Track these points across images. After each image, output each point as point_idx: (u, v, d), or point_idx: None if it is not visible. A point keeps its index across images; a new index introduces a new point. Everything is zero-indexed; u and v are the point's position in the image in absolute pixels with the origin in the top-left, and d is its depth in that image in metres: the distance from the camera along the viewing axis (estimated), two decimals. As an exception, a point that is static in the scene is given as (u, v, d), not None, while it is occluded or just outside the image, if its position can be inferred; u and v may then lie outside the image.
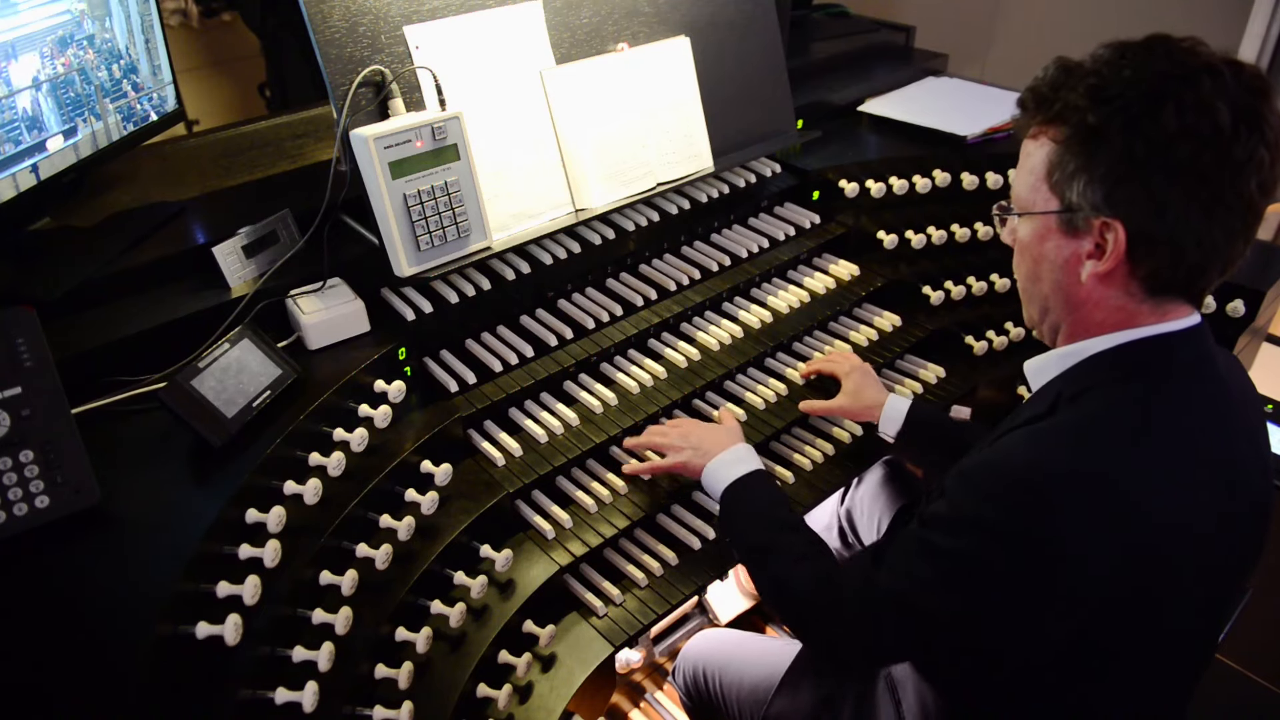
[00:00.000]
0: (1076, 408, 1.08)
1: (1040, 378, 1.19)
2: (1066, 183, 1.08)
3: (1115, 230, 1.04)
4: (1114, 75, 1.04)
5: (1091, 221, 1.06)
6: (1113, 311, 1.11)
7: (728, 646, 1.79)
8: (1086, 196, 1.06)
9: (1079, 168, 1.06)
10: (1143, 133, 1.01)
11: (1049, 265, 1.14)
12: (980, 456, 1.11)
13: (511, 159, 1.73)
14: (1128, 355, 1.10)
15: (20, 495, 1.15)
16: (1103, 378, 1.10)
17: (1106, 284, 1.09)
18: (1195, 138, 0.99)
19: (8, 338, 1.17)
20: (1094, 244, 1.08)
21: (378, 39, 1.58)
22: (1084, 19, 3.66)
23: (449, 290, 1.73)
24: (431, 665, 1.39)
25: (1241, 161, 1.00)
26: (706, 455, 1.54)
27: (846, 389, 1.77)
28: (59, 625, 1.05)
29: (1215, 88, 1.00)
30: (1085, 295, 1.11)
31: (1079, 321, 1.14)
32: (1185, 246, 1.03)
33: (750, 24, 2.08)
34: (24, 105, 1.48)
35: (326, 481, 1.37)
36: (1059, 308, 1.16)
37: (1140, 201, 1.03)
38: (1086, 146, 1.05)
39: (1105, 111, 1.03)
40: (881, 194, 2.21)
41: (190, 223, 1.74)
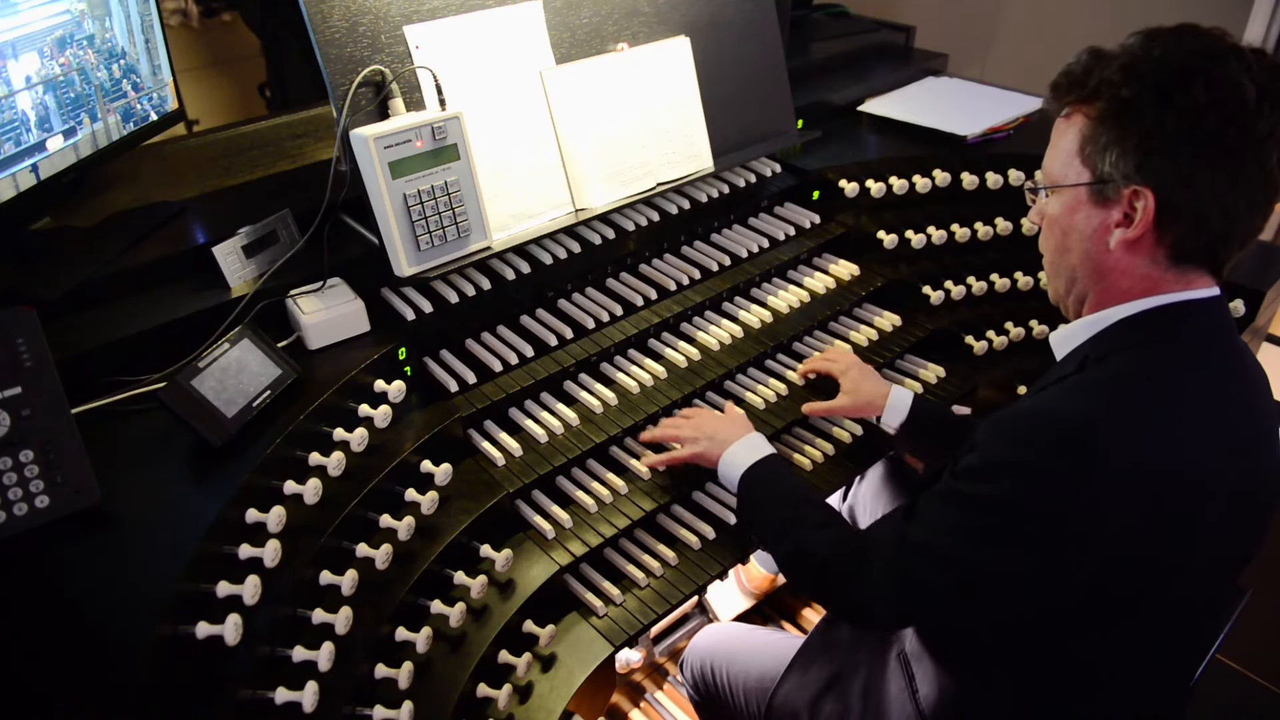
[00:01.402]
0: (1104, 367, 1.13)
1: (1066, 346, 1.24)
2: (1099, 155, 1.13)
3: (1145, 198, 1.10)
4: (1146, 55, 1.11)
5: (1122, 191, 1.12)
6: (1139, 279, 1.16)
7: (734, 639, 1.80)
8: (1119, 167, 1.12)
9: (1112, 140, 1.12)
10: (1174, 106, 1.07)
11: (1078, 235, 1.19)
12: (1012, 409, 1.15)
13: (511, 159, 1.73)
14: (1152, 320, 1.15)
15: (20, 495, 1.15)
16: (1128, 340, 1.15)
17: (1133, 251, 1.14)
18: (1223, 112, 1.05)
19: (8, 338, 1.17)
20: (1123, 213, 1.13)
21: (378, 39, 1.58)
22: (1084, 19, 3.66)
23: (449, 290, 1.73)
24: (431, 665, 1.39)
25: (1264, 136, 1.06)
26: (723, 444, 1.57)
27: (845, 387, 1.77)
28: (59, 625, 1.05)
29: (1241, 66, 1.06)
30: (1113, 263, 1.17)
31: (1106, 290, 1.19)
32: (1209, 215, 1.09)
33: (750, 24, 2.08)
34: (24, 105, 1.48)
35: (326, 481, 1.37)
36: (1086, 277, 1.21)
37: (1169, 171, 1.08)
38: (1120, 120, 1.11)
39: (1138, 86, 1.09)
40: (881, 194, 2.21)
41: (190, 223, 1.74)
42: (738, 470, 1.52)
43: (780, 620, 2.63)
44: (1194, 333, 1.14)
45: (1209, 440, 1.10)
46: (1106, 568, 1.08)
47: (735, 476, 1.52)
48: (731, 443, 1.56)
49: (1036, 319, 2.17)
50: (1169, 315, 1.15)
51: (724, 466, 1.55)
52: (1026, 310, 2.18)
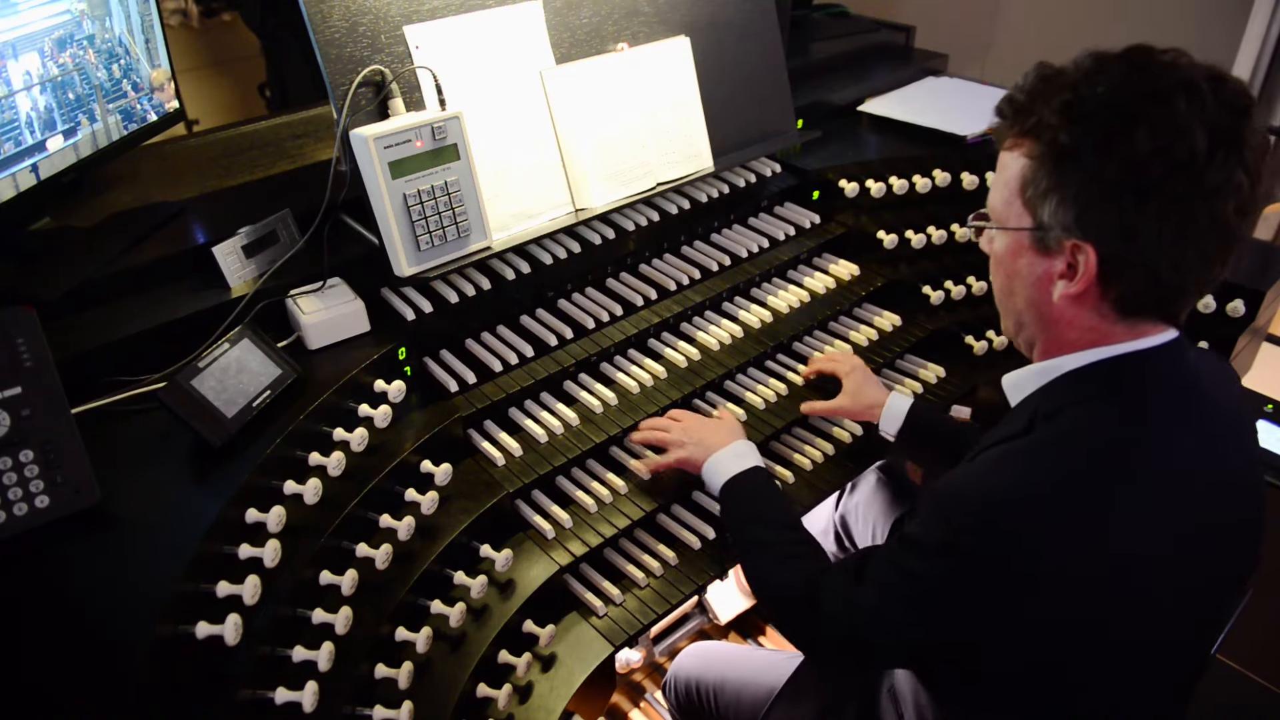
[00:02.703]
0: (1051, 427, 1.07)
1: (1018, 393, 1.17)
2: (1039, 200, 1.05)
3: (1086, 253, 1.03)
4: (1089, 91, 1.01)
5: (1063, 242, 1.04)
6: (1085, 331, 1.09)
7: (723, 660, 1.79)
8: (1058, 217, 1.04)
9: (1051, 186, 1.04)
10: (1115, 154, 0.98)
11: (1022, 281, 1.12)
12: (953, 478, 1.10)
13: (511, 159, 1.73)
14: (1102, 373, 1.08)
15: (20, 495, 1.15)
16: (1078, 395, 1.08)
17: (1078, 304, 1.08)
18: (1168, 161, 0.96)
19: (8, 338, 1.17)
20: (1066, 264, 1.06)
21: (378, 39, 1.58)
22: (1084, 19, 3.66)
23: (449, 290, 1.73)
24: (431, 665, 1.39)
25: (1217, 185, 0.97)
26: (708, 450, 1.55)
27: (847, 389, 1.77)
28: (59, 625, 1.05)
29: (1191, 108, 0.96)
30: (1058, 314, 1.10)
31: (1052, 339, 1.13)
32: (1158, 270, 1.01)
33: (750, 24, 2.08)
34: (24, 105, 1.48)
35: (326, 481, 1.37)
36: (1033, 324, 1.15)
37: (1111, 224, 1.00)
38: (1059, 166, 1.03)
39: (1077, 131, 1.00)
40: (881, 194, 2.21)
41: (190, 223, 1.74)
42: (720, 479, 1.50)
43: (780, 620, 2.63)
44: (1147, 385, 1.07)
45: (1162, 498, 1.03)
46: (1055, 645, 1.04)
47: (717, 485, 1.51)
48: (717, 449, 1.53)
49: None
50: (1120, 368, 1.07)
51: (707, 473, 1.54)
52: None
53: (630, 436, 1.69)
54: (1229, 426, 1.13)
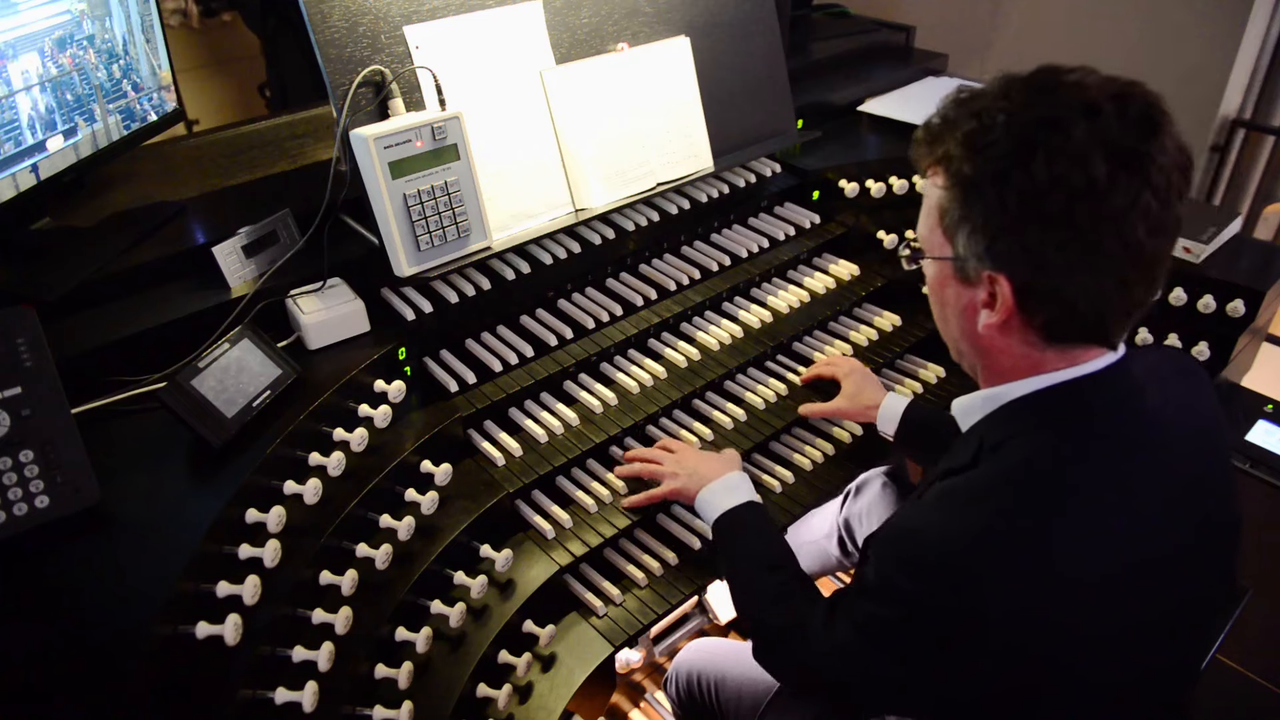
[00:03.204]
0: (997, 459, 1.05)
1: (967, 420, 1.16)
2: (954, 230, 1.04)
3: (1001, 284, 1.01)
4: (990, 120, 0.98)
5: (981, 272, 1.03)
6: (1019, 359, 1.07)
7: (724, 656, 1.78)
8: (971, 247, 1.02)
9: (961, 218, 1.02)
10: (1014, 185, 0.96)
11: (951, 310, 1.11)
12: (901, 518, 1.09)
13: (511, 159, 1.73)
14: (1043, 403, 1.06)
15: (20, 495, 1.15)
16: (1020, 426, 1.06)
17: (1004, 334, 1.06)
18: (1067, 190, 0.94)
19: (8, 338, 1.17)
20: (987, 293, 1.04)
21: (378, 39, 1.58)
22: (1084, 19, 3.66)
23: (449, 290, 1.73)
24: (431, 665, 1.39)
25: (1122, 210, 0.94)
26: (701, 481, 1.54)
27: (846, 391, 1.77)
28: (59, 625, 1.05)
29: (1091, 133, 0.94)
30: (987, 344, 1.08)
31: (990, 367, 1.12)
32: (1074, 298, 0.99)
33: (750, 24, 2.08)
34: (24, 105, 1.48)
35: (326, 481, 1.37)
36: (969, 352, 1.14)
37: (1019, 255, 0.99)
38: (965, 197, 1.01)
39: (978, 162, 0.98)
40: (881, 194, 2.21)
41: (190, 223, 1.74)
42: (712, 514, 1.49)
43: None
44: (1089, 413, 1.04)
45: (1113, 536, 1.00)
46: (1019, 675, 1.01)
47: (710, 519, 1.50)
48: (710, 481, 1.52)
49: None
50: (1061, 396, 1.05)
51: (700, 506, 1.53)
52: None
53: (618, 471, 1.66)
54: (1188, 437, 1.10)
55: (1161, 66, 3.44)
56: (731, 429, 1.78)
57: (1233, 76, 3.39)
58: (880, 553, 1.08)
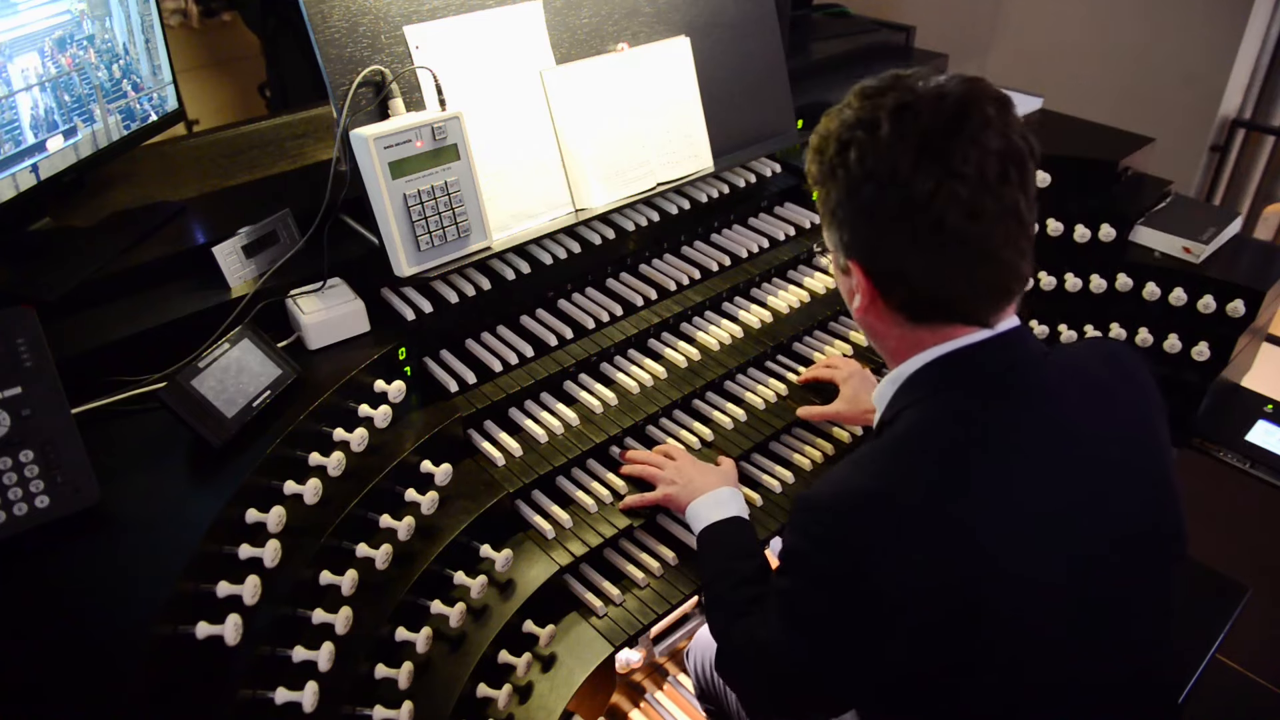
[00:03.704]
0: (890, 430, 1.13)
1: (881, 404, 1.22)
2: (825, 228, 1.16)
3: (855, 271, 1.12)
4: (826, 128, 1.11)
5: (846, 262, 1.14)
6: (899, 340, 1.15)
7: None
8: (832, 240, 1.15)
9: (821, 213, 1.15)
10: (838, 181, 1.08)
11: (845, 300, 1.21)
12: (811, 488, 1.12)
13: (511, 159, 1.73)
14: (927, 375, 1.13)
15: (20, 495, 1.15)
16: (910, 399, 1.13)
17: (876, 316, 1.15)
18: (876, 181, 1.04)
19: (8, 338, 1.17)
20: (856, 281, 1.14)
21: (378, 39, 1.58)
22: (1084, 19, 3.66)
23: (449, 290, 1.73)
24: (431, 665, 1.39)
25: (927, 195, 1.01)
26: (693, 493, 1.55)
27: (844, 394, 1.78)
28: (59, 625, 1.05)
29: (898, 128, 1.03)
30: (870, 327, 1.19)
31: (884, 350, 1.20)
32: (913, 279, 1.08)
33: (750, 24, 2.08)
34: (24, 105, 1.48)
35: (326, 481, 1.37)
36: (868, 337, 1.24)
37: (858, 243, 1.10)
38: (820, 197, 1.14)
39: (817, 164, 1.12)
40: (881, 194, 2.20)
41: (190, 223, 1.74)
42: (698, 525, 1.51)
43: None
44: (972, 379, 1.10)
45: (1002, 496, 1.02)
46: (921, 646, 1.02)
47: (696, 530, 1.51)
48: (701, 493, 1.54)
49: (1036, 319, 2.17)
50: (944, 367, 1.11)
51: (690, 517, 1.54)
52: (1025, 310, 2.17)
53: (622, 470, 1.67)
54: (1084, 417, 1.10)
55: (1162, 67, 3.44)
56: (731, 429, 1.78)
57: (1233, 76, 3.39)
58: (790, 526, 1.14)
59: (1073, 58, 3.66)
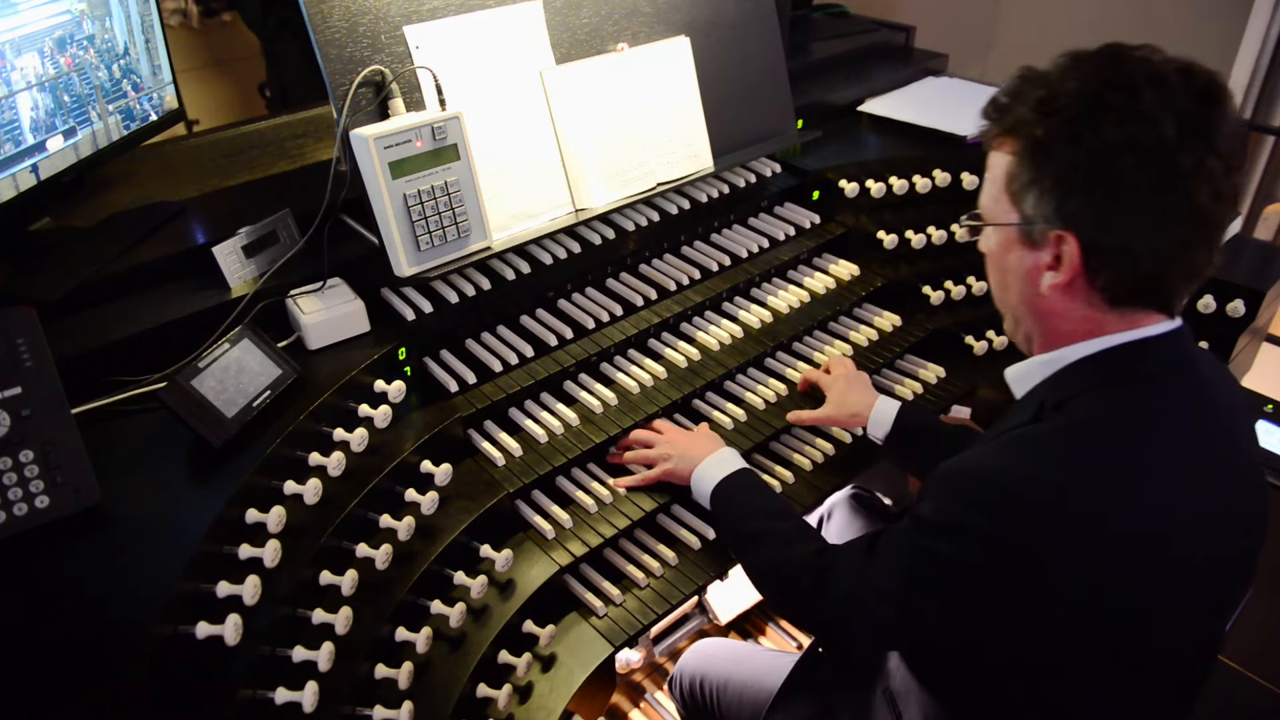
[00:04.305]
0: (1060, 415, 1.08)
1: (1023, 385, 1.19)
2: (1022, 195, 1.09)
3: (1069, 242, 1.06)
4: (1061, 87, 1.04)
5: (1047, 234, 1.07)
6: (1080, 321, 1.11)
7: (728, 658, 1.79)
8: (1039, 209, 1.07)
9: (1031, 180, 1.07)
10: (1085, 144, 1.02)
11: (1014, 276, 1.15)
12: (963, 460, 1.11)
13: (511, 159, 1.73)
14: (1106, 362, 1.10)
15: (20, 495, 1.15)
16: (1084, 384, 1.10)
17: (1068, 295, 1.10)
18: (1137, 149, 0.99)
19: (8, 338, 1.17)
20: (1052, 255, 1.08)
21: (378, 39, 1.58)
22: (1084, 19, 3.66)
23: (449, 290, 1.73)
24: (431, 665, 1.39)
25: (1187, 171, 0.99)
26: (693, 460, 1.56)
27: (831, 398, 1.78)
28: (59, 625, 1.05)
29: (1159, 97, 0.99)
30: (1049, 306, 1.13)
31: (1049, 331, 1.15)
32: (1139, 257, 1.04)
33: (750, 24, 2.08)
34: (24, 105, 1.48)
35: (326, 481, 1.37)
36: (1028, 318, 1.17)
37: (1088, 213, 1.04)
38: (1035, 159, 1.06)
39: (1050, 124, 1.04)
40: (881, 194, 2.21)
41: (190, 223, 1.74)
42: (709, 484, 1.51)
43: (780, 621, 2.63)
44: (1150, 374, 1.08)
45: (1170, 491, 1.04)
46: (1068, 624, 1.04)
47: (707, 492, 1.52)
48: (702, 459, 1.55)
49: (1036, 319, 2.17)
50: (1122, 356, 1.09)
51: (696, 483, 1.54)
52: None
53: (622, 456, 1.69)
54: (1231, 422, 1.13)
55: (1161, 66, 3.43)
56: (731, 429, 1.78)
57: (1233, 77, 3.39)
58: (944, 493, 1.11)
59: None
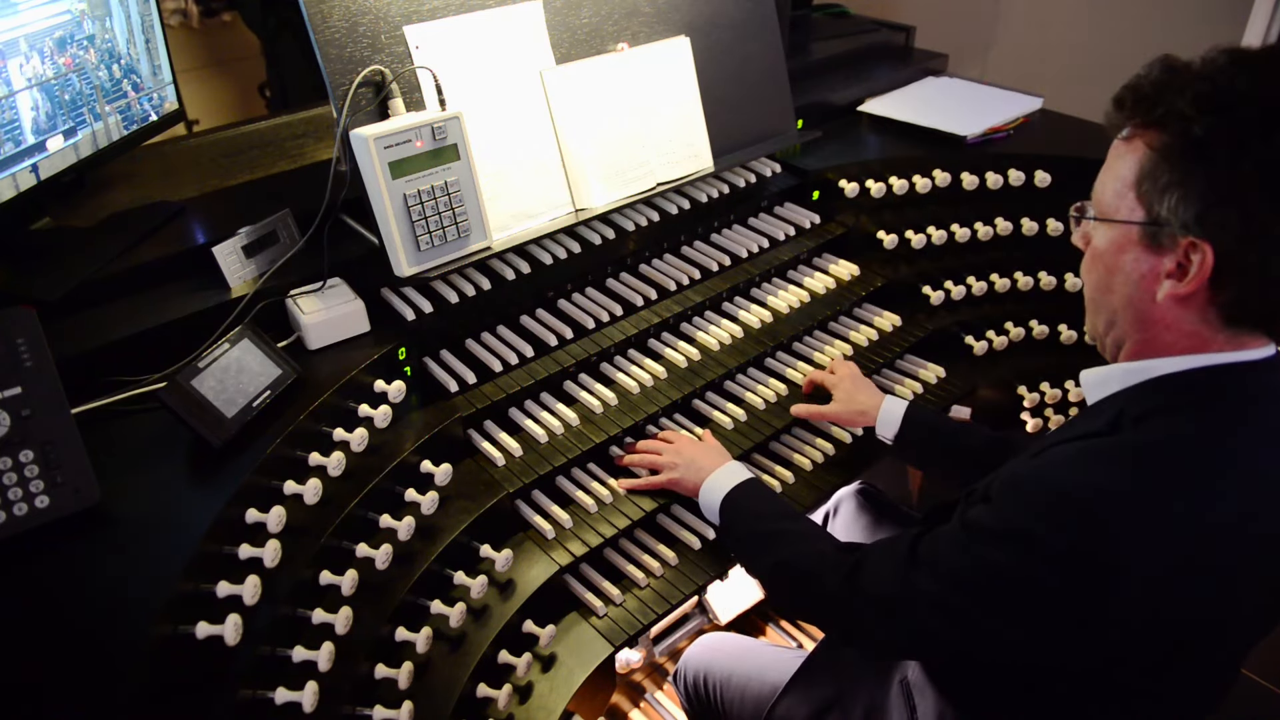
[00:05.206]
0: (1140, 430, 1.03)
1: (1099, 391, 1.13)
2: (1157, 194, 1.01)
3: (1203, 252, 0.98)
4: (1227, 85, 0.96)
5: (1178, 239, 1.00)
6: (1184, 335, 1.05)
7: (732, 654, 1.78)
8: (1177, 213, 0.99)
9: (1174, 181, 0.99)
10: (1252, 153, 0.94)
11: (1123, 278, 1.08)
12: (1033, 467, 1.07)
13: (511, 159, 1.73)
14: (1199, 381, 1.04)
15: (20, 495, 1.15)
16: (1171, 402, 1.05)
17: (1183, 306, 1.03)
18: None
19: (8, 338, 1.17)
20: (1176, 263, 1.02)
21: (378, 39, 1.58)
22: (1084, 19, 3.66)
23: (449, 290, 1.73)
24: (431, 665, 1.39)
25: None
26: (700, 471, 1.55)
27: (838, 396, 1.77)
28: (58, 625, 1.05)
29: None
30: (1159, 315, 1.06)
31: (1147, 340, 1.09)
32: (1275, 278, 0.97)
33: (750, 24, 2.08)
34: (24, 105, 1.48)
35: (326, 481, 1.37)
36: (1127, 323, 1.10)
37: (1235, 226, 0.96)
38: (1186, 160, 0.98)
39: (1213, 124, 0.96)
40: (881, 194, 2.21)
41: (190, 223, 1.74)
42: (719, 495, 1.50)
43: (781, 620, 2.63)
44: (1244, 400, 1.03)
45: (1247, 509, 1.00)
46: (1123, 641, 1.02)
47: (716, 502, 1.51)
48: (710, 471, 1.54)
49: (1036, 319, 2.17)
50: (1217, 378, 1.03)
51: (705, 494, 1.54)
52: (1026, 310, 2.18)
53: (627, 459, 1.69)
54: None
55: (1161, 66, 3.43)
56: (731, 429, 1.78)
57: (1233, 77, 3.38)
58: (1005, 496, 1.07)
59: (1073, 58, 3.66)
